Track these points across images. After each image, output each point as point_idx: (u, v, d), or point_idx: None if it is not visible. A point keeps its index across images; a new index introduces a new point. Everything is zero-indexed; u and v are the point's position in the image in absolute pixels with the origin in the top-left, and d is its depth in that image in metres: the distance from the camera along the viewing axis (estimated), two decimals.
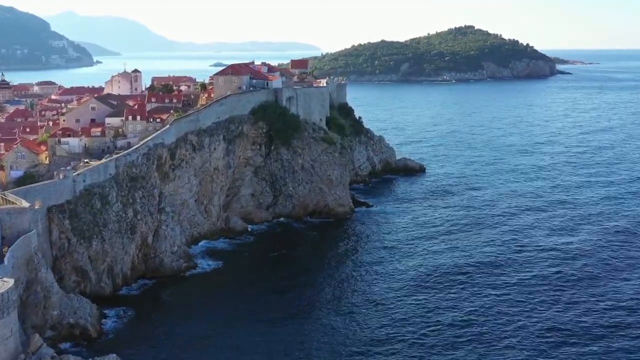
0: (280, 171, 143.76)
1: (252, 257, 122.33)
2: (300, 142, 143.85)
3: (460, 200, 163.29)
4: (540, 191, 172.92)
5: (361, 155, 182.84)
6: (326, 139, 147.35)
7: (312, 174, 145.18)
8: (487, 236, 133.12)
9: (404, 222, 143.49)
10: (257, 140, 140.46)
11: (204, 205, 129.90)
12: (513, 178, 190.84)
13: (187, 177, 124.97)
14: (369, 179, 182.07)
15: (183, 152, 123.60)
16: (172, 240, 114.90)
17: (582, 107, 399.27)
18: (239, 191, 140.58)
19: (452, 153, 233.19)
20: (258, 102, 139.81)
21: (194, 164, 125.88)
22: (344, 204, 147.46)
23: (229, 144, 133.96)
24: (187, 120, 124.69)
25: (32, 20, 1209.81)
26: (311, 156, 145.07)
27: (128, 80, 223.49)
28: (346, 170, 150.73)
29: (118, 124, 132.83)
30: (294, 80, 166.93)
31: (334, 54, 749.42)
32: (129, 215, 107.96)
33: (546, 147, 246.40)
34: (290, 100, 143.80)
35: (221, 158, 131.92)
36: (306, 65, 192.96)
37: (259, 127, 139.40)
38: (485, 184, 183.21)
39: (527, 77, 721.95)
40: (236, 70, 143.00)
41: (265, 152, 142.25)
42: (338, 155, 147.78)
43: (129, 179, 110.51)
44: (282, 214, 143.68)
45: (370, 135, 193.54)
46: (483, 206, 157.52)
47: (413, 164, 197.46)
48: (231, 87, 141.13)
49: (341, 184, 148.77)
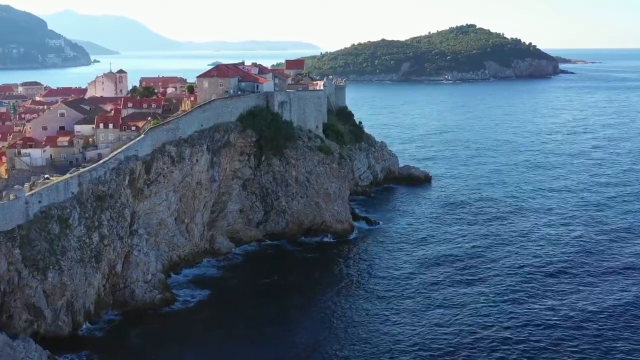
0: (272, 184, 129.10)
1: (241, 285, 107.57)
2: (294, 152, 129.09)
3: (470, 215, 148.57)
4: (556, 203, 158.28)
5: (362, 163, 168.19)
6: (323, 149, 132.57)
7: (307, 187, 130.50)
8: (504, 260, 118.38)
9: (410, 242, 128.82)
10: (246, 151, 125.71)
11: (185, 225, 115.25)
12: (525, 187, 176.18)
13: (165, 194, 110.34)
14: (370, 189, 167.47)
15: (160, 165, 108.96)
16: (145, 268, 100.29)
17: (592, 109, 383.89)
18: (225, 207, 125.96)
19: (458, 159, 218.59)
20: (247, 108, 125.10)
21: (173, 179, 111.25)
22: (343, 220, 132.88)
23: (213, 155, 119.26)
24: (165, 128, 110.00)
25: (29, 18, 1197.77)
26: (306, 168, 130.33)
27: (113, 81, 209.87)
28: (345, 182, 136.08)
29: (89, 133, 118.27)
30: (288, 83, 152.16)
31: (334, 53, 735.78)
32: (94, 240, 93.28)
33: (558, 152, 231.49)
34: (282, 106, 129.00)
35: (204, 171, 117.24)
36: (302, 66, 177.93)
37: (247, 135, 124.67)
38: (495, 194, 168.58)
39: (530, 77, 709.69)
40: (222, 71, 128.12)
41: (254, 164, 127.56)
42: (336, 167, 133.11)
43: (95, 198, 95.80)
44: (274, 232, 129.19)
45: (372, 141, 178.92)
46: (495, 221, 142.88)
47: (418, 173, 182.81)
48: (217, 90, 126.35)
49: (340, 197, 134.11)
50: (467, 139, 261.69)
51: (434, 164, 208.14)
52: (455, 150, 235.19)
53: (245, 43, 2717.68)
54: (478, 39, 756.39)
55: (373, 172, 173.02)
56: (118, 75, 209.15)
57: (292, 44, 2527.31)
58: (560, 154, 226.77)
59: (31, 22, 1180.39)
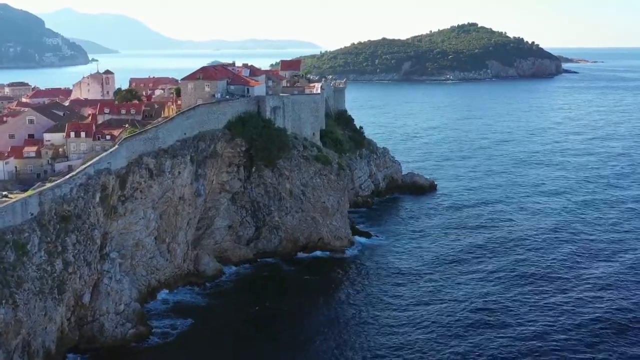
0: (264, 198, 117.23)
1: (228, 314, 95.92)
2: (287, 162, 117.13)
3: (480, 228, 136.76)
4: (573, 213, 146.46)
5: (362, 172, 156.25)
6: (320, 158, 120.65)
7: (302, 201, 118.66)
8: (518, 280, 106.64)
9: (415, 260, 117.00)
10: (235, 161, 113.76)
11: (166, 244, 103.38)
12: (539, 195, 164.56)
13: (143, 211, 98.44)
14: (372, 199, 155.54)
15: (137, 180, 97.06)
16: (117, 297, 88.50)
17: (599, 110, 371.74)
18: (212, 223, 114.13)
19: (465, 164, 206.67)
20: (236, 114, 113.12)
21: (152, 194, 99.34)
22: (342, 236, 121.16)
23: (198, 166, 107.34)
24: (142, 138, 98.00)
25: (26, 17, 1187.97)
26: (301, 179, 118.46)
27: (99, 83, 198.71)
28: (344, 195, 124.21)
29: (60, 142, 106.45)
30: (282, 85, 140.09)
31: (333, 52, 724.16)
32: (57, 268, 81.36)
33: (569, 156, 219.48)
34: (275, 111, 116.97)
35: (188, 184, 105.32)
36: (299, 67, 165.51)
37: (236, 144, 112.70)
38: (506, 203, 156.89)
39: (533, 77, 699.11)
40: (209, 73, 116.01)
41: (244, 175, 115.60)
42: (334, 178, 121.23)
43: (59, 219, 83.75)
44: (267, 250, 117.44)
45: (373, 147, 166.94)
46: (508, 235, 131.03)
47: (422, 181, 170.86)
48: (203, 94, 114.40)
49: (338, 212, 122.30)
50: (473, 143, 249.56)
51: (439, 170, 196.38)
52: (461, 155, 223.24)
53: (245, 42, 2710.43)
54: (480, 38, 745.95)
55: (375, 181, 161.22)
56: (104, 76, 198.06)
57: (292, 43, 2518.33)
58: (572, 159, 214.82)
59: (28, 21, 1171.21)
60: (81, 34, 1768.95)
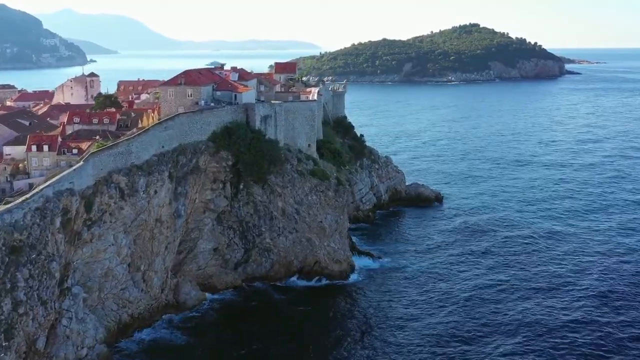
0: (253, 217, 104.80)
1: (211, 354, 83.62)
2: (280, 178, 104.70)
3: (494, 248, 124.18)
4: (596, 230, 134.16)
5: (363, 183, 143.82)
6: (316, 173, 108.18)
7: (296, 220, 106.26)
8: (539, 311, 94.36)
9: (422, 285, 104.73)
10: (220, 177, 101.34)
11: (141, 273, 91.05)
12: (557, 207, 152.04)
13: (113, 236, 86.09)
14: (373, 214, 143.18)
15: (105, 201, 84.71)
16: (79, 340, 76.25)
17: (609, 114, 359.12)
18: (195, 246, 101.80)
19: (471, 173, 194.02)
20: (221, 124, 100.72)
21: (123, 216, 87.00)
22: (341, 258, 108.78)
23: (177, 183, 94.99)
24: (112, 153, 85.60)
25: (24, 17, 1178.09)
26: (295, 197, 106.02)
27: (83, 86, 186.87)
28: (344, 213, 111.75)
29: (22, 156, 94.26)
30: (276, 90, 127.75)
31: (333, 53, 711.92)
32: (5, 309, 68.95)
33: (584, 165, 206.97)
34: (266, 120, 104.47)
35: (166, 204, 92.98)
36: (294, 69, 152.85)
37: (221, 158, 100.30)
38: (520, 216, 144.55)
39: (536, 78, 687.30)
40: (192, 78, 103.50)
41: (231, 193, 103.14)
42: (332, 195, 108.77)
43: (8, 250, 71.32)
44: (257, 275, 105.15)
45: (374, 156, 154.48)
46: (525, 255, 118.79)
47: (427, 192, 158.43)
48: (185, 102, 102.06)
49: (337, 232, 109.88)
50: (479, 148, 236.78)
51: (444, 179, 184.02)
52: (468, 162, 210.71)
53: (245, 42, 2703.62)
54: (482, 39, 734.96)
55: (377, 194, 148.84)
56: (89, 79, 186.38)
57: (292, 44, 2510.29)
58: (585, 166, 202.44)
59: (26, 21, 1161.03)
60: (81, 34, 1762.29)
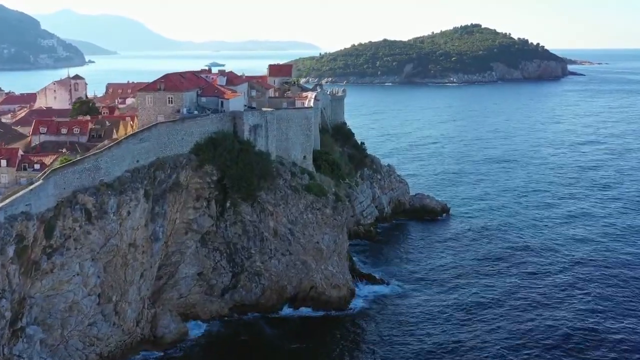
0: (242, 239, 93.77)
1: None
2: (271, 194, 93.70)
3: (509, 267, 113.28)
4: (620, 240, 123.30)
5: (364, 196, 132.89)
6: (312, 189, 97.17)
7: (290, 241, 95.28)
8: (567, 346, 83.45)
9: (431, 313, 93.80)
10: (204, 194, 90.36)
11: (112, 304, 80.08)
12: (573, 219, 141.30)
13: (79, 264, 75.14)
14: (375, 228, 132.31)
15: (69, 225, 73.77)
16: None
17: (619, 118, 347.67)
18: (176, 271, 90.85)
19: (479, 180, 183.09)
20: (205, 134, 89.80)
21: (91, 242, 76.03)
22: (340, 283, 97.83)
23: (155, 203, 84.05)
24: (78, 169, 74.64)
25: (22, 18, 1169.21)
26: (289, 216, 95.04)
27: (67, 90, 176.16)
28: (343, 233, 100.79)
29: None
30: (269, 96, 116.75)
31: (333, 54, 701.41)
32: None
33: (599, 171, 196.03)
34: (256, 130, 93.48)
35: (141, 227, 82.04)
36: (290, 72, 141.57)
37: (205, 173, 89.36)
38: (535, 230, 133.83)
39: (539, 79, 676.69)
40: (173, 83, 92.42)
41: (216, 212, 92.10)
42: (330, 212, 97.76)
43: None
44: (246, 302, 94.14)
45: (376, 166, 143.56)
46: (547, 279, 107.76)
47: (433, 204, 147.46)
48: (165, 110, 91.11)
49: (335, 253, 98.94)
50: (487, 154, 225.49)
51: (450, 187, 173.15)
52: (475, 168, 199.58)
53: (245, 43, 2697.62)
54: (484, 39, 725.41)
55: (379, 206, 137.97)
56: (73, 82, 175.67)
57: (292, 44, 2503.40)
58: (604, 175, 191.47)
59: (24, 22, 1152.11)
60: (80, 35, 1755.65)
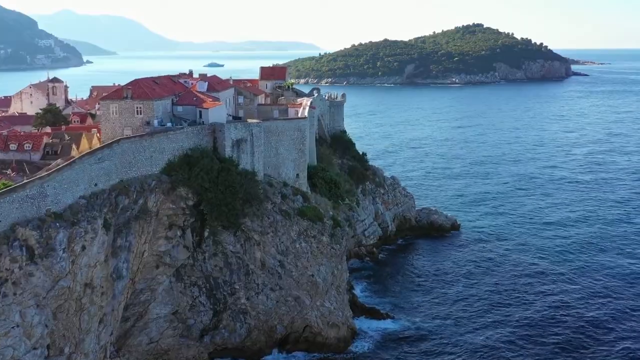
0: (223, 272, 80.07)
1: None
2: (257, 221, 79.92)
3: (530, 294, 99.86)
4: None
5: (366, 213, 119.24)
6: (306, 213, 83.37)
7: (280, 275, 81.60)
8: None
9: (444, 355, 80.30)
10: (177, 222, 76.64)
11: (65, 357, 66.47)
12: (595, 233, 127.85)
13: (19, 313, 61.48)
14: (379, 249, 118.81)
15: (6, 266, 60.07)
16: None
17: (629, 120, 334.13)
18: (146, 312, 77.14)
19: (490, 190, 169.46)
20: (179, 151, 76.16)
21: (34, 286, 62.36)
22: (339, 321, 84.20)
23: (117, 234, 70.29)
24: (17, 198, 60.96)
25: (19, 18, 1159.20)
26: (279, 245, 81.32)
27: (44, 93, 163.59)
28: (342, 262, 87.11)
29: None
30: (259, 103, 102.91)
31: (333, 54, 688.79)
32: None
33: (618, 180, 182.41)
34: (239, 146, 79.68)
35: (100, 263, 68.30)
36: (284, 75, 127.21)
37: (179, 197, 75.68)
38: (552, 250, 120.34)
39: (542, 79, 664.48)
40: (142, 90, 78.44)
41: (194, 242, 78.43)
42: (327, 240, 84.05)
43: None
44: (229, 345, 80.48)
45: (379, 179, 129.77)
46: (572, 309, 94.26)
47: (441, 220, 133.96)
48: (132, 121, 77.39)
49: (333, 287, 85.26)
50: (496, 161, 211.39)
51: (458, 199, 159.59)
52: (485, 177, 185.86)
53: (245, 43, 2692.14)
54: (486, 39, 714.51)
55: (382, 223, 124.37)
56: (51, 85, 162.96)
57: (292, 44, 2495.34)
58: (622, 185, 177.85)
59: (21, 22, 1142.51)
60: (80, 35, 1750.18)
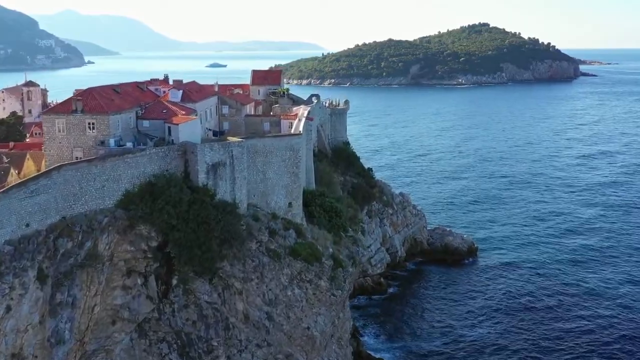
0: (197, 327, 64.66)
1: None
2: (239, 265, 64.40)
3: (568, 342, 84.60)
4: None
5: (373, 238, 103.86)
6: (300, 251, 67.72)
7: (268, 328, 66.23)
8: None
9: None
10: (138, 268, 61.26)
11: None
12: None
13: None
14: (386, 279, 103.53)
15: None
16: None
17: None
18: None
19: (507, 207, 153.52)
20: (140, 179, 60.84)
21: None
22: None
23: (56, 287, 55.07)
24: None
25: (20, 18, 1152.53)
26: (266, 294, 65.87)
27: (18, 99, 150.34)
28: (344, 310, 71.73)
29: None
30: (247, 113, 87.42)
31: (336, 55, 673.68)
32: None
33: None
34: (217, 171, 64.13)
35: (32, 325, 53.16)
36: (279, 80, 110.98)
37: (139, 237, 60.30)
38: (582, 276, 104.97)
39: (550, 80, 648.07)
40: (96, 101, 63.00)
41: (159, 291, 63.05)
42: (326, 284, 68.55)
43: None
44: None
45: (387, 197, 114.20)
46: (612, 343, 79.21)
47: (457, 242, 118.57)
48: (84, 140, 62.17)
49: (334, 339, 69.95)
50: (512, 172, 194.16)
51: (472, 215, 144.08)
52: (500, 189, 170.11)
53: (248, 43, 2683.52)
54: (493, 39, 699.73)
55: (390, 249, 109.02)
56: (25, 89, 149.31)
57: (295, 44, 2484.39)
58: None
59: (21, 22, 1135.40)
60: (82, 35, 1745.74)
